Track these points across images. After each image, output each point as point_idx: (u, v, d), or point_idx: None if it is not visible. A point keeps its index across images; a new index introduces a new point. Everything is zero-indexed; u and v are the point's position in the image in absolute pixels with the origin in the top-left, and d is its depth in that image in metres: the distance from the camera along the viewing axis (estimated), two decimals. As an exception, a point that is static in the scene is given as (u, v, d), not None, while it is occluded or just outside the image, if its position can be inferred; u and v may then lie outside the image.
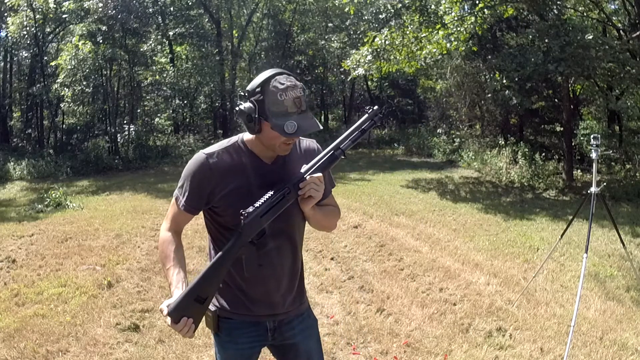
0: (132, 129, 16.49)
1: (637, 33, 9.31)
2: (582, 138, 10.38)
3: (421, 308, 4.04)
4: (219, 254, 1.54)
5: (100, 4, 14.01)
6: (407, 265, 5.14)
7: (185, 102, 17.83)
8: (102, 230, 6.69)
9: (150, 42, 16.73)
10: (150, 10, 16.55)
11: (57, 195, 8.74)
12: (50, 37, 18.01)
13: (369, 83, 21.58)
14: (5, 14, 16.38)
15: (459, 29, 9.22)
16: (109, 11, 14.21)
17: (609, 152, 9.67)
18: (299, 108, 1.48)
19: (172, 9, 17.91)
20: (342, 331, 3.62)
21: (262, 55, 22.25)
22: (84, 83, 14.55)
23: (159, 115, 18.17)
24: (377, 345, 3.40)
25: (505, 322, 3.74)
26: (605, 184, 8.13)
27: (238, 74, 21.03)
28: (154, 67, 16.84)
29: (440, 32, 9.33)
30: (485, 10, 9.01)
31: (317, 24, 21.86)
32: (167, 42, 17.87)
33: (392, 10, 11.62)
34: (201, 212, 1.70)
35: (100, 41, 14.48)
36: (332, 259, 5.37)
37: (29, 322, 3.76)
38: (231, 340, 1.71)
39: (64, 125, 17.24)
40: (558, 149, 12.31)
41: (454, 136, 15.79)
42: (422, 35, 9.75)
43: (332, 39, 20.36)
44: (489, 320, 3.78)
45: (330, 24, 21.36)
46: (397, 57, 10.10)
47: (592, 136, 3.75)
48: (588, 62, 8.28)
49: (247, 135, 1.64)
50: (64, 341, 3.46)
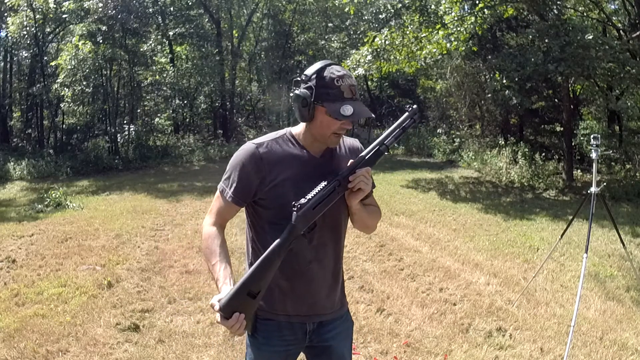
0: (132, 129, 16.49)
1: (637, 33, 9.31)
2: (582, 138, 10.39)
3: (421, 308, 4.04)
4: (270, 246, 1.50)
5: (100, 4, 14.01)
6: (407, 265, 5.14)
7: (185, 102, 17.83)
8: (102, 230, 6.69)
9: (150, 42, 16.72)
10: (150, 10, 16.55)
11: (57, 195, 8.74)
12: (50, 37, 18.00)
13: (369, 83, 21.56)
14: (5, 14, 16.37)
15: (459, 29, 9.22)
16: (109, 11, 14.21)
17: (609, 152, 9.66)
18: (354, 95, 1.53)
19: (172, 9, 17.91)
20: (342, 331, 3.61)
21: (262, 55, 22.27)
22: (84, 83, 14.53)
23: (159, 115, 18.16)
24: (377, 345, 3.40)
25: (505, 322, 3.74)
26: (605, 184, 8.14)
27: (238, 74, 21.04)
28: (154, 67, 16.83)
29: (440, 32, 9.33)
30: (485, 10, 9.01)
31: (317, 24, 21.87)
32: (167, 42, 17.87)
33: (392, 10, 11.63)
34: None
35: (100, 41, 14.48)
36: (332, 259, 5.37)
37: (29, 322, 3.76)
38: (267, 343, 1.66)
39: (64, 125, 17.23)
40: (558, 149, 12.31)
41: (454, 136, 15.79)
42: (422, 35, 9.75)
43: (332, 39, 20.35)
44: (489, 320, 3.78)
45: (330, 24, 21.36)
46: (397, 57, 10.10)
47: (592, 136, 3.75)
48: (588, 62, 8.28)
49: (296, 129, 1.66)
50: (64, 341, 3.46)
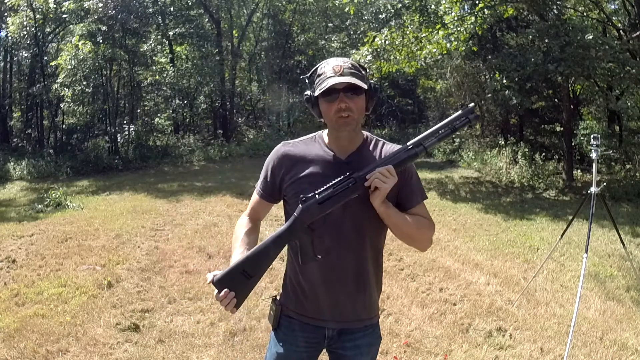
0: (132, 129, 16.48)
1: (637, 33, 9.31)
2: (582, 138, 10.38)
3: (421, 308, 4.04)
4: (272, 234, 1.52)
5: (100, 4, 14.01)
6: (407, 265, 5.14)
7: (185, 102, 17.83)
8: (102, 230, 6.69)
9: (150, 42, 16.72)
10: (150, 10, 16.54)
11: (57, 195, 8.74)
12: (50, 37, 17.99)
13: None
14: (5, 14, 16.37)
15: (459, 29, 9.22)
16: (109, 11, 14.20)
17: (609, 152, 9.66)
18: (337, 73, 1.52)
19: (172, 9, 17.90)
20: (342, 331, 3.61)
21: (262, 55, 22.25)
22: (84, 83, 14.52)
23: (159, 115, 18.16)
24: (377, 345, 3.40)
25: (505, 322, 3.74)
26: (605, 184, 8.14)
27: (238, 74, 21.03)
28: (154, 67, 16.82)
29: (440, 32, 9.33)
30: (485, 10, 9.01)
31: (317, 24, 21.86)
32: (167, 42, 17.86)
33: (392, 10, 11.63)
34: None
35: (100, 41, 14.47)
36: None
37: (29, 322, 3.76)
38: (288, 341, 1.67)
39: (64, 125, 17.22)
40: (558, 149, 12.31)
41: (454, 136, 15.78)
42: (422, 35, 9.75)
43: (332, 39, 20.35)
44: (489, 320, 3.78)
45: (330, 24, 21.36)
46: (397, 57, 10.10)
47: (592, 136, 3.75)
48: (588, 62, 8.28)
49: (325, 132, 1.69)
50: (64, 341, 3.46)
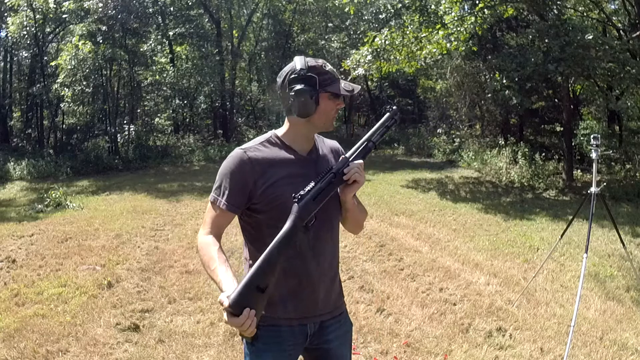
0: (132, 129, 16.50)
1: (637, 33, 9.31)
2: (582, 138, 10.38)
3: (421, 308, 4.03)
4: (274, 239, 1.46)
5: (100, 4, 14.01)
6: (407, 265, 5.14)
7: (185, 102, 17.84)
8: (102, 230, 6.69)
9: (150, 42, 16.73)
10: (150, 10, 16.55)
11: (57, 195, 8.74)
12: (50, 37, 18.01)
13: (369, 83, 21.56)
14: (5, 14, 16.37)
15: (459, 29, 9.22)
16: (109, 11, 14.21)
17: (609, 152, 9.66)
18: (337, 77, 1.65)
19: (172, 9, 17.91)
20: (342, 331, 3.61)
21: (262, 55, 22.26)
22: (84, 83, 14.54)
23: (159, 115, 18.17)
24: (377, 345, 3.40)
25: (505, 322, 3.74)
26: (605, 184, 8.14)
27: (238, 74, 21.03)
28: (154, 67, 16.84)
29: (440, 32, 9.33)
30: (485, 10, 9.01)
31: (317, 24, 21.87)
32: (167, 42, 17.87)
33: (392, 10, 11.63)
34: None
35: (100, 41, 14.48)
36: (332, 259, 5.36)
37: (29, 322, 3.76)
38: (268, 349, 1.62)
39: (64, 125, 17.24)
40: (558, 149, 12.32)
41: (454, 136, 15.80)
42: (422, 35, 9.75)
43: (332, 39, 20.36)
44: (489, 320, 3.78)
45: (330, 24, 21.37)
46: (397, 57, 10.10)
47: (592, 136, 3.75)
48: (588, 62, 8.28)
49: (280, 131, 1.69)
50: (64, 341, 3.46)
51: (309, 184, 1.53)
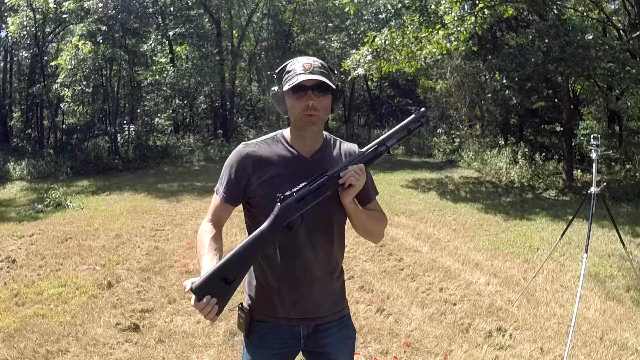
0: (132, 129, 16.49)
1: (637, 33, 9.31)
2: (582, 138, 10.38)
3: (421, 308, 4.03)
4: (250, 235, 1.50)
5: (100, 4, 14.01)
6: (407, 265, 5.14)
7: (185, 102, 17.83)
8: (102, 230, 6.69)
9: (150, 42, 16.72)
10: (150, 10, 16.54)
11: (57, 195, 8.74)
12: (50, 37, 18.00)
13: (369, 83, 21.56)
14: (5, 14, 16.37)
15: (459, 29, 9.22)
16: (109, 11, 14.21)
17: (609, 152, 9.66)
18: (306, 70, 1.54)
19: (172, 9, 17.90)
20: (342, 331, 3.61)
21: (262, 55, 22.25)
22: (84, 83, 14.54)
23: (159, 115, 18.17)
24: (377, 345, 3.40)
25: (505, 322, 3.74)
26: (605, 184, 8.13)
27: (238, 74, 21.03)
28: (154, 67, 16.83)
29: (440, 32, 9.33)
30: (485, 10, 9.01)
31: (317, 24, 21.86)
32: (167, 42, 17.86)
33: (392, 10, 11.63)
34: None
35: (100, 41, 14.48)
36: (332, 259, 5.36)
37: (29, 322, 3.76)
38: (261, 345, 1.65)
39: (64, 125, 17.23)
40: (558, 149, 12.32)
41: (454, 136, 15.79)
42: (422, 35, 9.75)
43: (332, 39, 20.34)
44: (489, 320, 3.78)
45: (330, 24, 21.35)
46: (397, 57, 10.09)
47: (592, 136, 3.75)
48: (588, 62, 8.28)
49: (287, 130, 1.68)
50: (64, 341, 3.46)
51: (300, 185, 1.52)
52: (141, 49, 15.97)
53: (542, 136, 13.76)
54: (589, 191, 3.70)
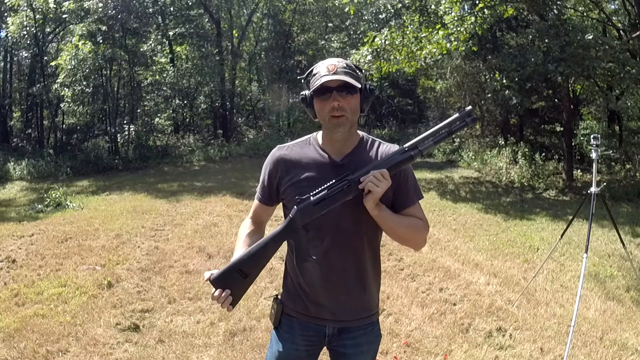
0: (132, 129, 16.49)
1: (637, 33, 9.31)
2: (582, 138, 10.39)
3: (421, 308, 4.03)
4: (267, 234, 1.56)
5: (100, 4, 14.00)
6: (407, 265, 5.14)
7: (185, 102, 17.83)
8: (102, 230, 6.69)
9: (150, 42, 16.72)
10: (150, 10, 16.54)
11: (57, 195, 8.74)
12: (50, 37, 17.99)
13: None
14: (5, 14, 16.37)
15: (459, 29, 9.22)
16: (109, 11, 14.20)
17: (609, 152, 9.66)
18: (330, 72, 1.53)
19: (172, 9, 17.89)
20: (342, 331, 3.61)
21: (262, 55, 22.24)
22: (84, 83, 14.53)
23: (159, 115, 18.16)
24: (377, 345, 3.40)
25: (505, 322, 3.74)
26: (605, 184, 8.13)
27: (238, 74, 21.02)
28: (154, 67, 16.83)
29: (440, 32, 9.33)
30: (485, 10, 9.01)
31: (317, 24, 21.85)
32: (167, 42, 17.86)
33: (392, 10, 11.63)
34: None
35: (100, 41, 14.47)
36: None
37: (29, 322, 3.76)
38: (290, 339, 1.69)
39: (64, 125, 17.23)
40: (558, 149, 12.31)
41: (453, 136, 15.78)
42: (422, 35, 9.75)
43: (332, 39, 20.35)
44: (489, 320, 3.78)
45: (330, 24, 21.36)
46: (397, 57, 10.10)
47: (592, 136, 3.75)
48: (588, 62, 8.28)
49: (319, 134, 1.69)
50: (64, 341, 3.46)
51: (319, 188, 1.53)
52: (141, 49, 15.96)
53: (542, 136, 13.76)
54: (589, 191, 3.70)
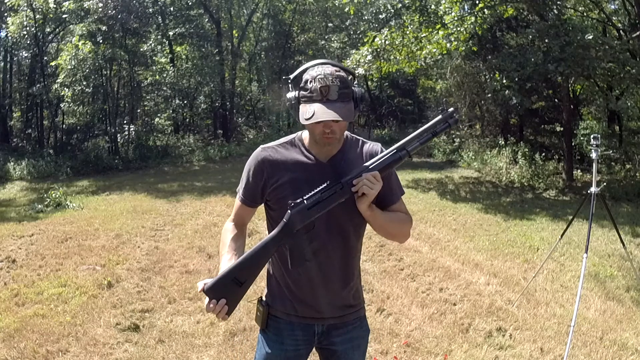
0: (132, 129, 16.49)
1: (637, 33, 9.31)
2: (582, 138, 10.38)
3: (421, 308, 4.04)
4: (261, 240, 1.54)
5: (100, 4, 14.00)
6: (407, 265, 5.14)
7: (185, 102, 17.84)
8: (102, 230, 6.69)
9: (150, 42, 16.72)
10: (150, 10, 16.54)
11: (57, 195, 8.74)
12: (50, 37, 17.99)
13: (369, 83, 21.55)
14: (5, 14, 16.37)
15: (459, 29, 9.22)
16: (109, 11, 14.20)
17: (609, 152, 9.66)
18: (324, 96, 1.48)
19: (172, 9, 17.90)
20: (342, 331, 3.61)
21: (262, 55, 22.26)
22: (84, 83, 14.53)
23: (159, 115, 18.16)
24: (377, 345, 3.40)
25: (505, 322, 3.74)
26: (605, 184, 8.13)
27: (238, 74, 21.04)
28: (154, 67, 16.83)
29: (440, 32, 9.33)
30: (485, 10, 9.01)
31: (317, 24, 21.86)
32: (167, 42, 17.86)
33: (392, 10, 11.63)
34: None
35: (100, 41, 14.48)
36: (332, 259, 5.36)
37: (29, 322, 3.76)
38: (278, 340, 1.69)
39: (64, 125, 17.23)
40: (558, 149, 12.31)
41: (454, 136, 15.79)
42: (422, 35, 9.75)
43: (332, 39, 20.35)
44: (489, 320, 3.78)
45: (330, 24, 21.36)
46: (397, 57, 10.09)
47: (592, 136, 3.75)
48: (588, 62, 8.28)
49: (305, 134, 1.67)
50: (64, 341, 3.46)
51: (312, 191, 1.51)
52: (141, 49, 15.96)
53: (542, 136, 13.76)
54: (589, 191, 3.70)
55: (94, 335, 3.55)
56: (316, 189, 1.52)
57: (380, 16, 13.37)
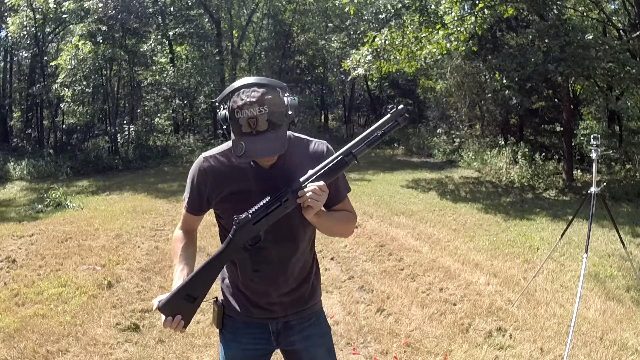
0: (132, 129, 16.49)
1: (637, 33, 9.31)
2: (582, 138, 10.38)
3: (421, 308, 4.03)
4: (211, 256, 1.55)
5: (100, 4, 14.01)
6: (407, 265, 5.14)
7: (185, 102, 17.84)
8: (102, 230, 6.69)
9: (150, 42, 16.72)
10: (150, 10, 16.55)
11: (57, 195, 8.74)
12: (50, 37, 18.00)
13: (369, 83, 21.56)
14: (5, 14, 16.37)
15: (459, 29, 9.22)
16: (109, 11, 14.20)
17: (609, 152, 9.66)
18: (253, 129, 1.40)
19: (172, 9, 17.91)
20: (342, 331, 3.62)
21: (262, 55, 22.26)
22: (84, 83, 14.53)
23: (159, 115, 18.17)
24: (377, 345, 3.40)
25: (505, 322, 3.74)
26: (605, 184, 8.13)
27: (238, 74, 21.03)
28: (154, 67, 16.83)
29: (440, 32, 9.33)
30: (485, 10, 9.01)
31: (317, 24, 21.87)
32: (167, 42, 17.87)
33: (392, 10, 11.63)
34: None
35: (100, 41, 14.48)
36: (332, 259, 5.37)
37: (29, 322, 3.76)
38: (234, 339, 1.70)
39: (64, 125, 17.23)
40: (558, 149, 12.31)
41: (454, 136, 15.80)
42: (422, 35, 9.75)
43: (332, 39, 20.36)
44: (489, 320, 3.78)
45: (330, 24, 21.37)
46: (397, 57, 10.10)
47: (592, 136, 3.75)
48: (588, 62, 8.28)
49: None
50: (64, 341, 3.46)
51: (257, 205, 1.48)
52: (141, 49, 15.96)
53: (542, 136, 13.76)
54: (589, 191, 3.70)
55: (94, 335, 3.55)
56: (261, 198, 1.49)
57: (380, 16, 13.37)
